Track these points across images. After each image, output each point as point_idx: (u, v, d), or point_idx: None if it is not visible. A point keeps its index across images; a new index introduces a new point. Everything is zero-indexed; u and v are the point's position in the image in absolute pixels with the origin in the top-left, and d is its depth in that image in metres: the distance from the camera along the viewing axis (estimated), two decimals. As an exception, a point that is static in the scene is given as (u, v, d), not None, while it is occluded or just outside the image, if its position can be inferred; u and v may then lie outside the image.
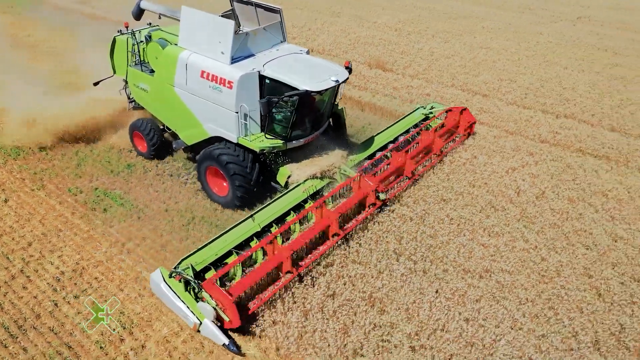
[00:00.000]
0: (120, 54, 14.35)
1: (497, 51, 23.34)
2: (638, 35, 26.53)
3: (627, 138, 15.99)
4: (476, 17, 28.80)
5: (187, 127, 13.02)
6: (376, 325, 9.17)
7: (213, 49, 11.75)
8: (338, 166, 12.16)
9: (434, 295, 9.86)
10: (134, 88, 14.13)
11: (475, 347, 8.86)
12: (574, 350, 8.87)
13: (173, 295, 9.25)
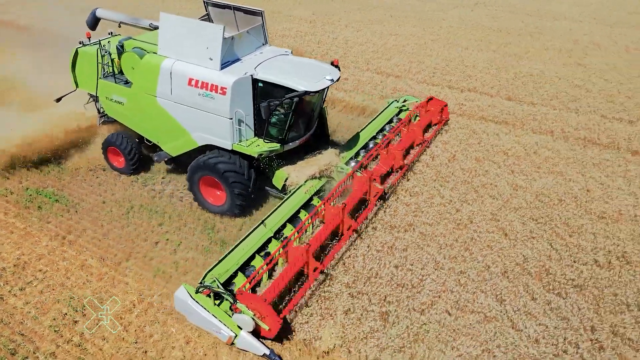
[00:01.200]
0: (85, 67, 13.65)
1: (405, 37, 25.09)
2: (527, 18, 29.43)
3: (521, 105, 18.07)
4: (384, 7, 30.58)
5: (172, 139, 12.54)
6: (317, 280, 10.12)
7: (200, 55, 11.40)
8: (335, 164, 12.28)
9: (366, 249, 10.96)
10: (106, 101, 13.37)
11: (405, 287, 10.03)
12: (487, 280, 10.28)
13: (203, 310, 8.85)
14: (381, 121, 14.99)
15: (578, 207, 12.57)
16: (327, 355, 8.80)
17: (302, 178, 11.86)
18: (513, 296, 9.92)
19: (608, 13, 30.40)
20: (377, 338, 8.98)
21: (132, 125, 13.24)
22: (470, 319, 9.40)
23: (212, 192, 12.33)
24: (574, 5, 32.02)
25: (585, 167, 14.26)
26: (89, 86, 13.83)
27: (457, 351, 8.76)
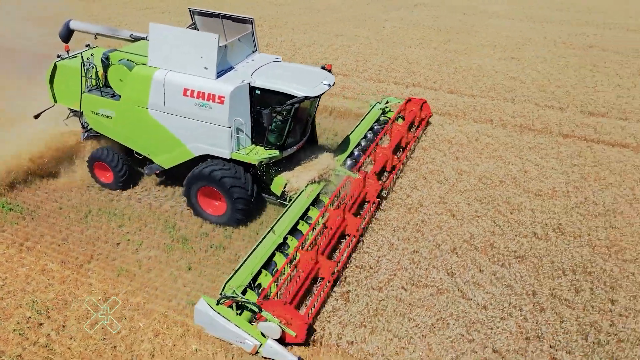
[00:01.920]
0: (65, 81, 13.21)
1: (350, 37, 25.92)
2: (464, 17, 30.97)
3: (462, 97, 19.16)
4: (328, 10, 31.37)
5: (164, 151, 12.31)
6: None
7: (194, 65, 11.24)
8: (332, 168, 12.37)
9: (325, 236, 11.50)
10: (92, 116, 12.88)
11: (363, 269, 10.63)
12: (438, 257, 11.03)
13: (226, 322, 8.77)
14: (368, 123, 15.27)
15: (517, 187, 13.59)
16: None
17: (302, 183, 11.91)
18: (462, 270, 10.70)
19: (537, 11, 32.41)
20: (339, 316, 9.51)
21: (121, 139, 12.85)
22: (424, 292, 10.09)
23: (210, 202, 12.19)
24: (506, 5, 33.92)
25: (522, 151, 15.38)
26: (69, 101, 13.39)
27: (413, 322, 9.41)
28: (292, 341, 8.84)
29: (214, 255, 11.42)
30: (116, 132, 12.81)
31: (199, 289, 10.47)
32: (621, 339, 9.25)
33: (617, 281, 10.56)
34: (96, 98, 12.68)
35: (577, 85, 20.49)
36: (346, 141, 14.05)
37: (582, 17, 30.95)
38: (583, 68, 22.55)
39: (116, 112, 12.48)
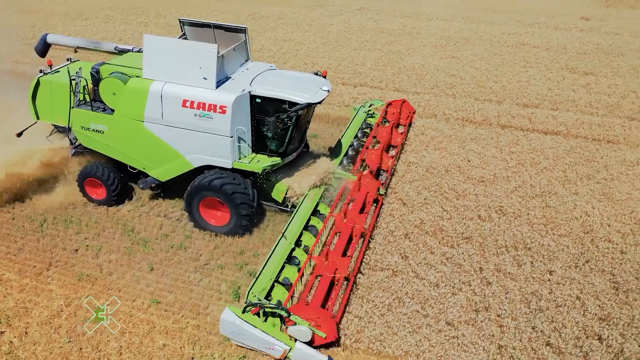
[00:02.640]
0: (49, 97, 12.83)
1: (297, 42, 26.49)
2: (405, 19, 32.21)
3: (407, 95, 20.06)
4: (274, 16, 31.86)
5: (161, 163, 12.19)
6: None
7: (192, 75, 11.19)
8: (332, 172, 12.63)
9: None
10: (82, 131, 12.52)
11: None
12: (391, 242, 11.64)
13: (254, 329, 8.76)
14: (355, 126, 15.60)
15: (461, 174, 14.48)
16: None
17: (304, 188, 12.11)
18: (415, 252, 11.37)
19: (473, 13, 34.12)
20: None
21: (113, 154, 12.58)
22: (381, 275, 10.68)
23: (212, 213, 12.17)
24: (444, 7, 35.51)
25: (464, 142, 16.35)
26: (53, 117, 13.06)
27: (372, 303, 9.95)
28: (321, 343, 8.96)
29: (176, 255, 11.63)
30: (108, 147, 12.49)
31: (162, 288, 10.68)
32: (559, 304, 10.15)
33: (553, 254, 11.53)
34: (87, 113, 12.34)
35: (512, 80, 21.86)
36: (338, 145, 14.34)
37: (513, 18, 32.85)
38: (517, 64, 24.05)
39: (109, 127, 12.19)
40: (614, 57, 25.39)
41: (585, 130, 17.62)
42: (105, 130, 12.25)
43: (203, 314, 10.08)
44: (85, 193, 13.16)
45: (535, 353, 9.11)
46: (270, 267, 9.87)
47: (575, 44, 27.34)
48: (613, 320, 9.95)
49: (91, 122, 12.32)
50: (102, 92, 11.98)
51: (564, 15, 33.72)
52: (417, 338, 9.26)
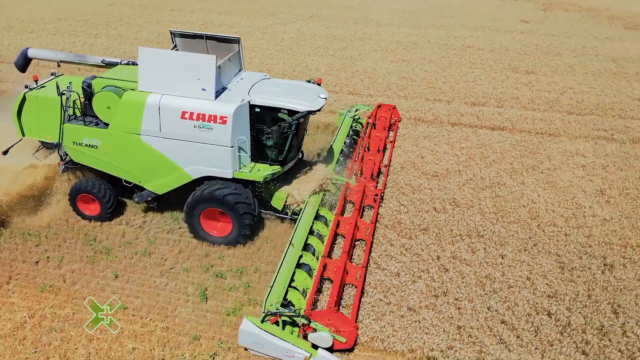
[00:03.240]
0: (36, 112, 12.50)
1: (251, 49, 26.75)
2: (355, 26, 33.03)
3: (361, 97, 20.69)
4: (227, 25, 32.01)
5: (158, 176, 12.08)
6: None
7: (190, 87, 11.19)
8: (329, 177, 12.84)
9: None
10: (73, 147, 12.29)
11: (287, 255, 11.40)
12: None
13: (275, 338, 8.79)
14: (344, 132, 15.81)
15: (416, 170, 15.12)
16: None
17: (304, 194, 12.29)
18: (376, 245, 11.85)
19: (420, 18, 35.35)
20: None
21: (108, 169, 12.41)
22: (344, 268, 11.07)
23: (213, 224, 12.19)
24: (392, 13, 36.62)
25: (418, 140, 17.05)
26: (40, 133, 12.77)
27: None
28: (340, 348, 9.08)
29: (140, 261, 11.67)
30: (102, 161, 12.31)
31: (128, 294, 10.70)
32: (511, 285, 10.84)
33: (504, 239, 12.26)
34: (79, 128, 12.13)
35: (460, 81, 22.88)
36: (330, 151, 14.57)
37: (459, 22, 34.25)
38: (463, 66, 25.17)
39: (103, 141, 12.02)
40: (552, 57, 26.96)
41: (529, 125, 18.70)
42: (99, 144, 12.07)
43: (171, 316, 10.19)
44: (77, 209, 12.90)
45: (492, 331, 9.72)
46: (283, 275, 9.94)
47: (517, 46, 28.84)
48: (560, 297, 10.71)
49: (84, 137, 12.11)
50: (96, 106, 11.86)
51: (506, 19, 35.44)
52: (381, 324, 9.69)
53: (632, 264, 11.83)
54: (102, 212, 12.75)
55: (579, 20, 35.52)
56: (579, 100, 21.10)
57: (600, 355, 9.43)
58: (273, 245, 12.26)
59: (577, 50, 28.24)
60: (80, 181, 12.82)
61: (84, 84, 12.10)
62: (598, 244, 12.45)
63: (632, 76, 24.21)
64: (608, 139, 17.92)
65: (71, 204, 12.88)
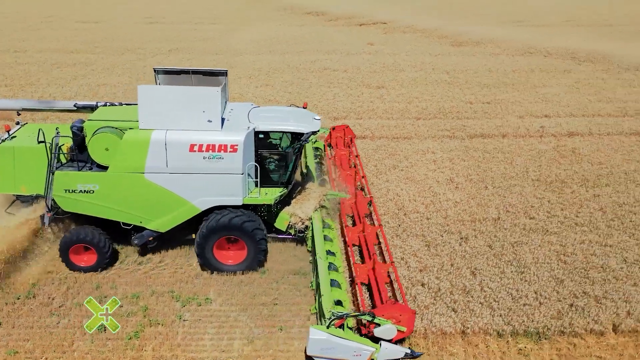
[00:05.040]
0: (11, 164, 11.57)
1: (113, 86, 26.28)
2: (217, 57, 33.88)
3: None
4: (82, 64, 30.90)
5: (162, 214, 11.82)
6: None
7: (197, 120, 11.17)
8: (325, 194, 13.23)
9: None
10: (65, 195, 11.54)
11: (182, 272, 11.74)
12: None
13: (343, 340, 9.23)
14: (311, 153, 15.93)
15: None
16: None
17: (309, 212, 12.71)
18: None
19: (277, 46, 37.34)
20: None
21: (105, 214, 11.85)
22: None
23: (226, 254, 12.23)
24: (250, 43, 38.19)
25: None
26: (15, 187, 11.83)
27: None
28: (400, 337, 9.78)
29: (25, 305, 11.25)
30: (99, 206, 11.75)
31: (17, 339, 10.27)
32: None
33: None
34: (73, 174, 11.50)
35: (321, 99, 24.84)
36: (309, 171, 14.87)
37: (313, 47, 36.84)
38: (322, 86, 27.30)
39: (101, 185, 11.53)
40: (397, 73, 30.36)
41: (386, 132, 21.03)
42: (96, 189, 11.58)
43: (69, 351, 9.99)
44: (69, 262, 12.10)
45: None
46: (324, 282, 10.52)
47: (366, 65, 31.94)
48: (429, 269, 12.46)
49: (78, 183, 11.54)
50: (92, 149, 11.45)
51: (354, 42, 38.90)
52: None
53: (481, 234, 14.12)
54: (99, 262, 12.11)
55: (414, 40, 40.24)
56: (423, 107, 24.17)
57: (466, 310, 11.21)
58: (167, 268, 12.46)
59: (417, 65, 32.10)
60: (72, 231, 12.08)
61: (74, 128, 11.68)
62: (453, 222, 14.62)
63: (463, 84, 28.26)
64: (451, 137, 20.86)
65: (62, 257, 12.07)
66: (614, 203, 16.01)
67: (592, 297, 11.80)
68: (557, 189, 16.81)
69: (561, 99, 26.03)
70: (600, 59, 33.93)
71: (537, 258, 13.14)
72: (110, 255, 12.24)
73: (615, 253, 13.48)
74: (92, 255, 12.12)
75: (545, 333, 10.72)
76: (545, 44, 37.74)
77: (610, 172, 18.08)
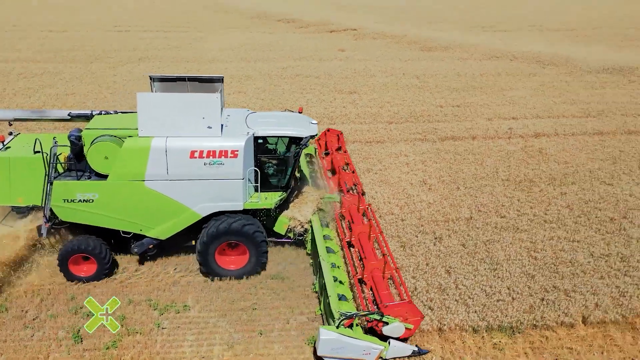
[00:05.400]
0: (7, 176, 11.42)
1: (83, 95, 25.88)
2: (189, 64, 33.71)
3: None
4: (50, 74, 30.32)
5: (162, 221, 11.87)
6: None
7: (196, 126, 11.26)
8: (322, 197, 13.48)
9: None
10: (63, 205, 11.48)
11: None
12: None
13: (353, 339, 9.49)
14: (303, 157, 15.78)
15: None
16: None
17: (308, 215, 12.98)
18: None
19: (249, 53, 37.32)
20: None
21: (104, 222, 11.81)
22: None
23: (227, 259, 12.36)
24: (222, 51, 38.10)
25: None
26: (11, 198, 11.68)
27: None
28: (406, 335, 10.06)
29: (-4, 318, 10.92)
30: (98, 215, 11.71)
31: (-10, 353, 9.99)
32: (366, 266, 12.49)
33: (354, 232, 13.97)
34: (72, 183, 11.43)
35: (294, 105, 24.70)
36: (302, 174, 14.86)
37: (284, 54, 36.96)
38: (295, 92, 27.46)
39: (100, 193, 11.49)
40: (369, 78, 30.76)
41: (359, 136, 21.29)
42: (95, 198, 11.52)
43: (45, 364, 9.80)
44: (68, 273, 11.99)
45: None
46: (330, 283, 10.76)
47: (338, 71, 32.25)
48: (405, 269, 12.70)
49: (77, 192, 11.47)
50: (91, 158, 11.37)
51: (325, 49, 39.21)
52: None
53: (455, 234, 14.45)
54: (99, 271, 12.03)
55: (384, 46, 40.83)
56: (395, 111, 24.57)
57: (442, 307, 11.47)
58: (142, 276, 12.39)
59: (388, 71, 32.59)
60: (72, 241, 11.97)
61: (72, 137, 11.52)
62: (428, 223, 14.92)
63: (433, 88, 28.83)
64: (422, 140, 21.28)
65: (61, 268, 11.94)
66: (580, 200, 16.59)
67: (562, 290, 12.22)
68: (526, 188, 17.33)
69: (527, 101, 26.83)
70: (563, 62, 35.09)
71: (508, 255, 13.53)
72: (110, 265, 12.18)
73: (583, 248, 13.99)
74: (91, 265, 12.04)
75: (518, 327, 11.05)
76: (511, 48, 38.81)
77: (576, 171, 18.74)
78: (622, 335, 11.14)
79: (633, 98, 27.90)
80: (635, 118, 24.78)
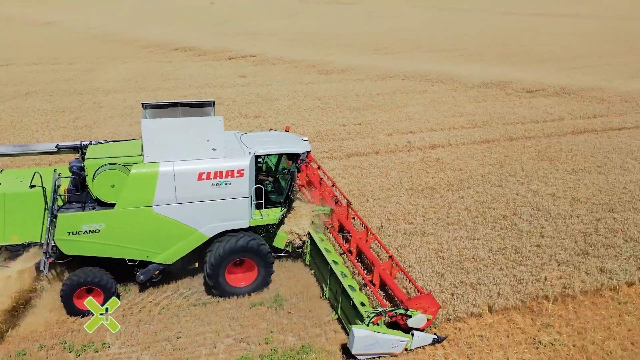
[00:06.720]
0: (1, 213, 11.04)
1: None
2: (83, 97, 32.22)
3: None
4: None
5: (168, 245, 11.90)
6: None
7: (202, 149, 11.51)
8: (314, 209, 13.96)
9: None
10: (67, 238, 11.12)
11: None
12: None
13: (383, 335, 10.32)
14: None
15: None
16: None
17: (306, 227, 13.46)
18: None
19: (147, 83, 36.45)
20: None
21: (109, 252, 11.62)
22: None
23: (235, 277, 12.62)
24: (118, 81, 36.80)
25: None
26: (5, 237, 11.28)
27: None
28: (426, 326, 10.87)
29: None
30: (103, 245, 11.49)
31: None
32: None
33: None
34: (78, 215, 11.17)
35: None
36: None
37: (185, 82, 36.54)
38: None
39: (107, 223, 11.31)
40: (272, 102, 31.39)
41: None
42: (102, 228, 11.32)
43: None
44: (72, 307, 11.62)
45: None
46: (347, 284, 11.59)
47: (241, 96, 32.55)
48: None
49: (83, 224, 11.20)
50: (98, 187, 11.19)
51: (226, 76, 39.38)
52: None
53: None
54: (105, 303, 11.45)
55: (284, 70, 41.87)
56: (301, 132, 25.20)
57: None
58: (52, 318, 11.63)
59: (290, 94, 33.47)
60: (77, 274, 11.60)
61: (74, 168, 11.53)
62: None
63: (334, 109, 30.09)
64: (330, 158, 22.13)
65: (65, 303, 11.59)
66: (476, 202, 18.18)
67: (469, 284, 13.32)
68: (428, 195, 18.66)
69: (422, 116, 28.90)
70: (449, 79, 38.25)
71: (419, 258, 14.49)
72: (114, 295, 11.88)
73: (482, 244, 15.35)
74: (97, 297, 11.61)
75: (434, 322, 11.85)
76: (402, 69, 41.58)
77: (470, 176, 20.51)
78: (523, 318, 12.38)
79: (511, 109, 31.13)
80: (515, 126, 27.67)
